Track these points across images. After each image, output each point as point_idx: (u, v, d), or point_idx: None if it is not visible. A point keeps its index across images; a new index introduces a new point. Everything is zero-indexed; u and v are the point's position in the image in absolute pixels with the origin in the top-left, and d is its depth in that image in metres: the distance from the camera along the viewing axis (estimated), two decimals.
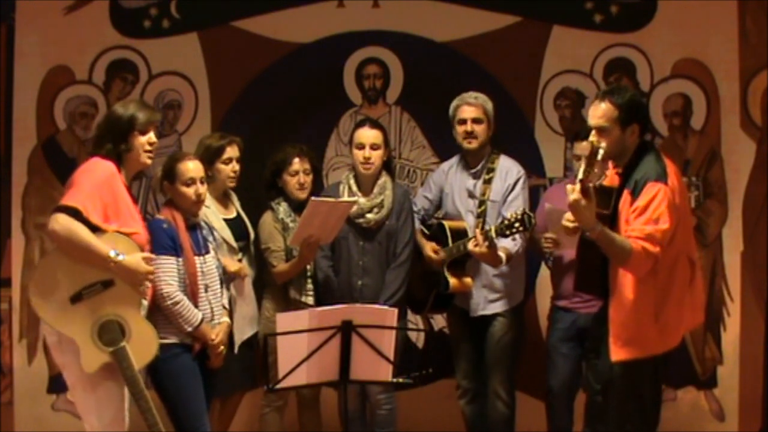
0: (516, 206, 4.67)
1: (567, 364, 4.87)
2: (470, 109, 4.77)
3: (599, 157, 3.76)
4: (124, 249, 3.80)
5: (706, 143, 5.44)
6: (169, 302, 4.08)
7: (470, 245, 4.56)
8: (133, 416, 4.00)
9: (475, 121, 4.76)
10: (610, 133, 3.92)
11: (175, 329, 4.12)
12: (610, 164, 4.12)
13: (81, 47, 5.59)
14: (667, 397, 5.33)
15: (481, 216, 4.76)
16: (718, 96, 5.40)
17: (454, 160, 4.97)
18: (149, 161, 4.03)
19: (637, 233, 3.79)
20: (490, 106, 4.81)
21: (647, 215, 3.80)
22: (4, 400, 5.59)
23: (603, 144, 3.80)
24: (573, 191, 3.77)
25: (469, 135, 4.77)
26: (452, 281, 4.73)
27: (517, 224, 4.41)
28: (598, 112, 3.95)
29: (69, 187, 3.84)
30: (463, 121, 4.78)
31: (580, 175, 3.77)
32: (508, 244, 4.62)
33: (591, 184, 3.80)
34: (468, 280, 4.77)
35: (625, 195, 3.92)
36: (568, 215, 4.30)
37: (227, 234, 4.63)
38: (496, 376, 4.84)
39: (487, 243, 4.51)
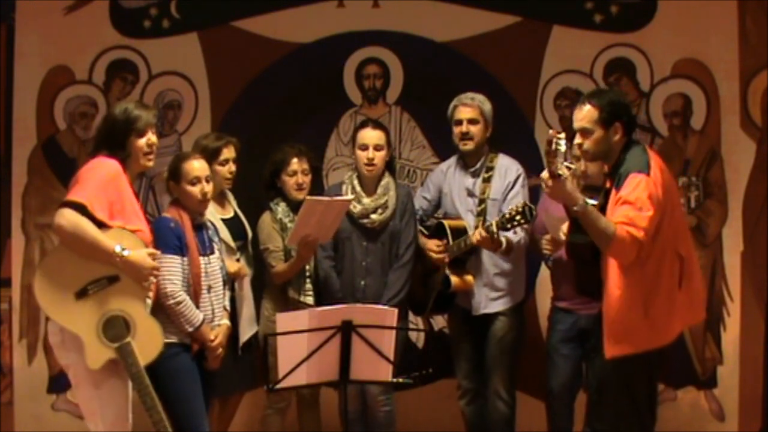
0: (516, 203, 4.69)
1: (567, 365, 4.87)
2: (466, 110, 4.78)
3: (561, 148, 3.78)
4: (129, 245, 3.80)
5: (706, 143, 5.44)
6: (171, 301, 4.08)
7: (473, 238, 4.57)
8: (136, 417, 4.00)
9: (471, 121, 4.78)
10: (593, 134, 3.99)
11: (175, 329, 4.11)
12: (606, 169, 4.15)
13: (81, 47, 5.59)
14: (667, 397, 5.34)
15: (481, 215, 4.77)
16: (718, 96, 5.41)
17: (452, 160, 4.98)
18: (150, 163, 4.02)
19: (621, 218, 3.83)
20: (487, 106, 4.81)
21: (630, 204, 3.83)
22: (4, 400, 5.59)
23: (561, 136, 3.82)
24: (546, 183, 3.84)
25: (465, 136, 4.79)
26: (454, 279, 4.73)
27: (518, 217, 4.41)
28: (580, 115, 4.03)
29: (74, 183, 3.84)
30: (459, 122, 4.80)
31: (548, 169, 3.82)
32: (508, 234, 4.63)
33: (559, 172, 3.80)
34: (469, 278, 4.78)
35: (612, 192, 3.96)
36: (564, 227, 4.31)
37: (225, 234, 4.63)
38: (496, 376, 4.84)
39: (488, 237, 4.53)
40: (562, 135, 3.81)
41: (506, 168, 4.82)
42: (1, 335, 5.59)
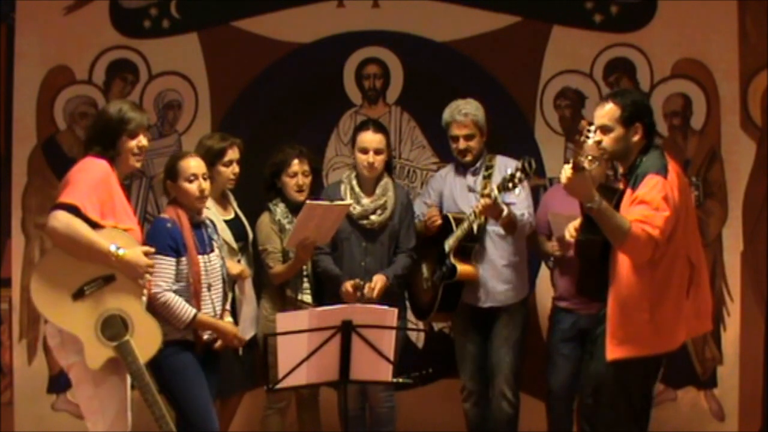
0: (519, 199, 4.71)
1: (567, 365, 4.87)
2: (461, 127, 4.80)
3: (589, 141, 3.78)
4: (123, 243, 3.81)
5: (706, 143, 5.44)
6: (157, 303, 4.08)
7: (477, 208, 4.57)
8: (135, 416, 4.01)
9: (467, 138, 4.81)
10: (612, 132, 3.97)
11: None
12: (620, 171, 4.14)
13: (81, 47, 5.59)
14: (667, 397, 5.34)
15: None
16: (718, 96, 5.41)
17: (450, 166, 5.01)
18: (138, 164, 4.05)
19: (637, 217, 3.81)
20: (481, 115, 4.83)
21: (646, 204, 3.83)
22: (4, 400, 5.59)
23: (592, 128, 3.82)
24: (565, 171, 3.82)
25: (463, 151, 4.83)
26: (459, 267, 4.71)
27: (518, 174, 4.40)
28: (601, 112, 4.00)
29: (65, 185, 3.85)
30: (456, 139, 4.83)
31: (573, 158, 3.82)
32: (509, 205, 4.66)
33: (584, 165, 3.80)
34: (475, 267, 4.77)
35: (628, 192, 3.95)
36: (571, 227, 4.31)
37: (228, 235, 4.63)
38: (502, 376, 4.84)
39: (491, 203, 4.52)
40: (593, 127, 3.82)
41: (506, 165, 4.81)
42: (1, 335, 5.59)
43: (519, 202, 4.72)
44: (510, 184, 4.43)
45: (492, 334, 4.85)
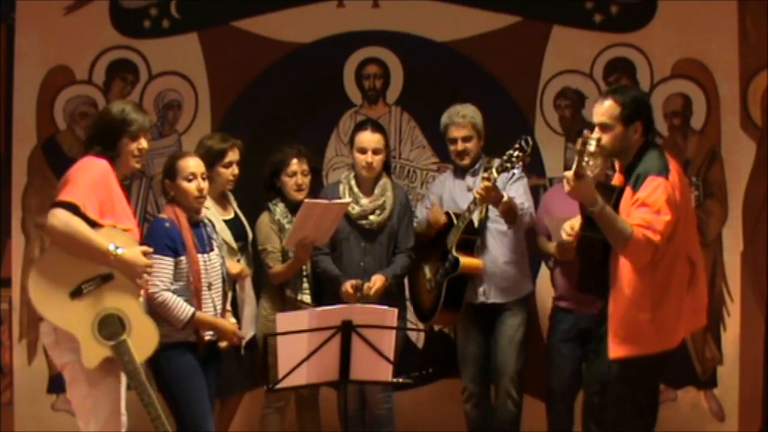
0: (519, 193, 4.72)
1: (567, 365, 4.87)
2: (459, 129, 4.82)
3: (591, 148, 3.78)
4: (121, 243, 3.81)
5: (706, 143, 5.44)
6: (155, 302, 4.08)
7: (476, 192, 4.55)
8: (132, 417, 4.01)
9: (465, 139, 4.82)
10: (612, 129, 3.95)
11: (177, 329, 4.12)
12: (617, 166, 4.13)
13: (81, 47, 5.59)
14: (667, 397, 5.34)
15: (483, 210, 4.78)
16: (718, 96, 5.41)
17: (448, 171, 5.04)
18: (138, 165, 4.06)
19: (638, 221, 3.80)
20: (479, 118, 4.84)
21: (648, 206, 3.82)
22: (4, 400, 5.59)
23: (594, 136, 3.82)
24: (568, 181, 3.80)
25: (461, 153, 4.83)
26: (463, 260, 4.70)
27: (516, 153, 4.41)
28: (601, 109, 3.98)
29: (64, 183, 3.85)
30: (454, 141, 4.84)
31: (574, 167, 3.79)
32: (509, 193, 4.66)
33: (586, 172, 3.80)
34: (478, 259, 4.76)
35: (627, 191, 3.94)
36: (567, 226, 4.30)
37: (227, 235, 4.64)
38: (507, 376, 4.83)
39: (491, 186, 4.50)
40: (594, 135, 3.81)
41: None
42: (1, 335, 5.59)
43: (518, 195, 4.72)
44: (508, 164, 4.44)
45: (496, 334, 4.84)
